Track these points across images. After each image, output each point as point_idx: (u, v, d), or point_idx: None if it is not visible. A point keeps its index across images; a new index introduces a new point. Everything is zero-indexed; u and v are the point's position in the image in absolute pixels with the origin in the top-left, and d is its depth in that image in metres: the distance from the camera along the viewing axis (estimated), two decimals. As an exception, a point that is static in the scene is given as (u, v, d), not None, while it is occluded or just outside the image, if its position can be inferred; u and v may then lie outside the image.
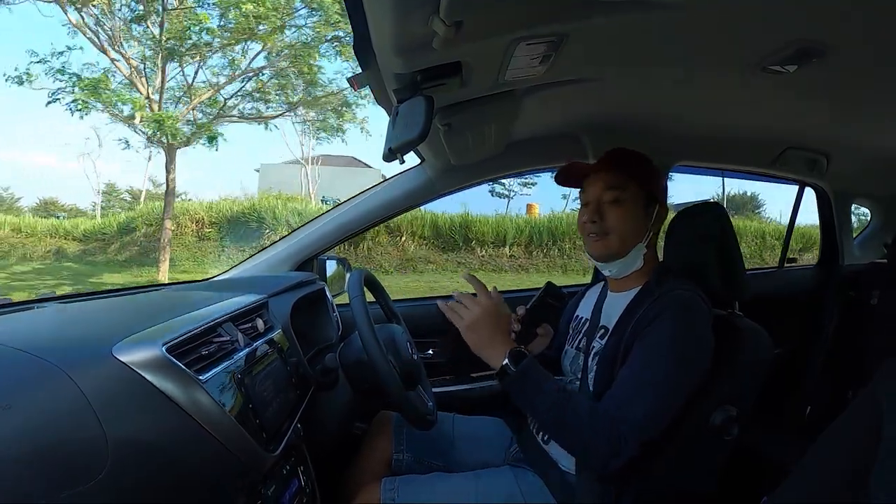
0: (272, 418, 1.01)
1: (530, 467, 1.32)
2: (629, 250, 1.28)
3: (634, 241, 1.28)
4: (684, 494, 1.27)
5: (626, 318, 1.23)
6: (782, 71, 1.21)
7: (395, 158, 1.12)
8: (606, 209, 1.27)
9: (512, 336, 1.36)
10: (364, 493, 1.30)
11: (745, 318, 1.33)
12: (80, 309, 1.16)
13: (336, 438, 1.51)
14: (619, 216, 1.26)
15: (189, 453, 0.81)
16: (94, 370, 0.73)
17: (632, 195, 1.27)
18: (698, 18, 0.99)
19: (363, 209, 1.93)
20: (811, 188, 2.71)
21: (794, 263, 3.01)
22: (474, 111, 1.30)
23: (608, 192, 1.28)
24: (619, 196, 1.27)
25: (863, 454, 0.65)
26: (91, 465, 0.66)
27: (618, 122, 1.76)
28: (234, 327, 1.05)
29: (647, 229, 1.29)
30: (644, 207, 1.28)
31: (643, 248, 1.29)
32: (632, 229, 1.27)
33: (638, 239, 1.28)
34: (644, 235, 1.29)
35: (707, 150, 2.11)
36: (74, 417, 0.67)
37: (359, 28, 0.92)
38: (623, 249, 1.28)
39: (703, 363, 1.15)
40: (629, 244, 1.28)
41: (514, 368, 1.14)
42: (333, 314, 1.77)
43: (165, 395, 0.77)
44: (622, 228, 1.27)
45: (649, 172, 1.31)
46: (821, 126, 1.87)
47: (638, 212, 1.28)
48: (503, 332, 1.22)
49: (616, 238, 1.27)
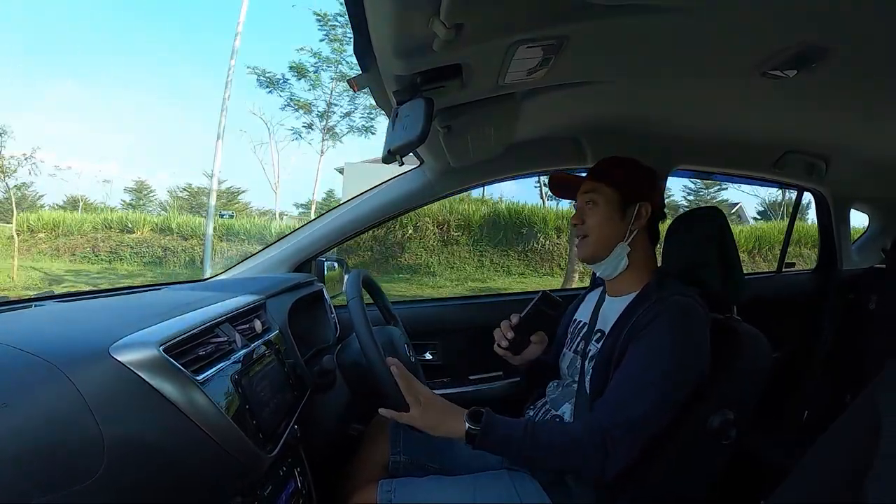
0: (269, 419, 1.01)
1: (527, 471, 1.32)
2: (610, 250, 1.31)
3: (613, 241, 1.31)
4: (682, 498, 1.27)
5: (622, 322, 1.23)
6: (782, 76, 1.21)
7: (395, 160, 1.12)
8: (585, 212, 1.35)
9: (505, 344, 1.37)
10: (361, 495, 1.29)
11: (743, 323, 1.33)
12: (77, 308, 1.16)
13: (333, 440, 1.51)
14: (594, 217, 1.33)
15: (186, 453, 0.81)
16: (92, 369, 0.73)
17: (605, 196, 1.32)
18: (698, 23, 0.99)
19: (362, 211, 1.93)
20: (810, 193, 2.71)
21: (792, 268, 3.01)
22: (474, 114, 1.30)
23: (585, 195, 1.36)
24: (593, 198, 1.34)
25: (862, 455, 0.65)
26: (88, 464, 0.66)
27: (617, 125, 1.76)
28: (232, 328, 1.05)
29: (627, 229, 1.31)
30: (620, 208, 1.32)
31: (626, 248, 1.31)
32: (608, 229, 1.32)
33: (617, 239, 1.31)
34: (625, 235, 1.31)
35: (706, 154, 2.11)
36: (71, 417, 0.67)
37: (359, 29, 0.93)
38: (602, 250, 1.32)
39: (699, 368, 1.15)
40: (608, 244, 1.32)
41: (476, 427, 1.13)
42: (331, 315, 1.77)
43: (162, 396, 0.77)
44: (598, 229, 1.33)
45: (627, 174, 1.35)
46: (820, 130, 1.87)
47: (612, 211, 1.32)
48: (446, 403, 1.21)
49: (594, 239, 1.33)
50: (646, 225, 1.33)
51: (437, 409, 1.18)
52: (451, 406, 1.20)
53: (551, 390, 1.41)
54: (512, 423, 1.15)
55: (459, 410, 1.18)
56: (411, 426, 1.19)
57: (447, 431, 1.16)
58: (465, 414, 1.16)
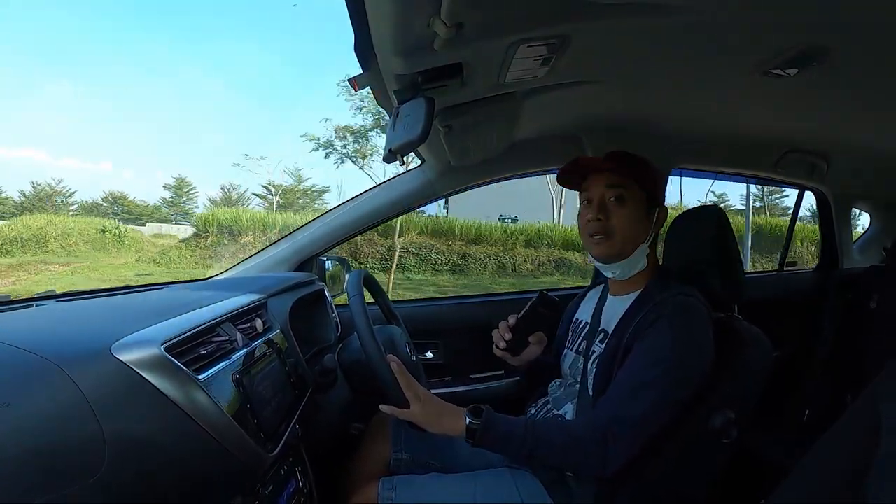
0: (270, 418, 1.01)
1: (528, 469, 1.32)
2: (633, 251, 1.27)
3: (639, 241, 1.27)
4: (682, 497, 1.27)
5: (625, 322, 1.23)
6: (783, 75, 1.21)
7: (396, 159, 1.12)
8: (611, 207, 1.26)
9: (503, 346, 1.37)
10: (362, 493, 1.29)
11: (744, 322, 1.33)
12: (79, 307, 1.16)
13: (334, 439, 1.52)
14: (624, 215, 1.25)
15: (187, 452, 0.81)
16: (93, 368, 0.73)
17: (635, 195, 1.26)
18: (700, 22, 0.99)
19: (363, 210, 1.93)
20: (811, 192, 2.71)
21: (793, 267, 3.01)
22: (475, 113, 1.30)
23: (611, 189, 1.26)
24: (623, 194, 1.25)
25: (862, 456, 0.65)
26: (89, 462, 0.67)
27: (618, 124, 1.76)
28: (233, 327, 1.05)
29: (650, 230, 1.29)
30: (646, 208, 1.28)
31: (646, 249, 1.29)
32: (636, 229, 1.27)
33: (642, 239, 1.28)
34: (647, 236, 1.28)
35: (707, 154, 2.11)
36: (73, 416, 0.67)
37: (360, 28, 0.93)
38: (627, 250, 1.27)
39: (701, 367, 1.15)
40: (634, 244, 1.27)
41: (477, 422, 1.13)
42: (332, 315, 1.77)
43: (164, 395, 0.77)
44: (627, 228, 1.26)
45: (650, 174, 1.30)
46: (821, 130, 1.87)
47: (640, 212, 1.27)
48: (445, 402, 1.22)
49: (620, 238, 1.26)
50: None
51: (436, 406, 1.19)
52: (451, 405, 1.20)
53: (553, 389, 1.41)
54: (512, 420, 1.16)
55: (460, 409, 1.18)
56: (411, 424, 1.19)
57: (448, 428, 1.16)
58: (465, 411, 1.16)
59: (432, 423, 1.17)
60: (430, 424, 1.17)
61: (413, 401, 1.17)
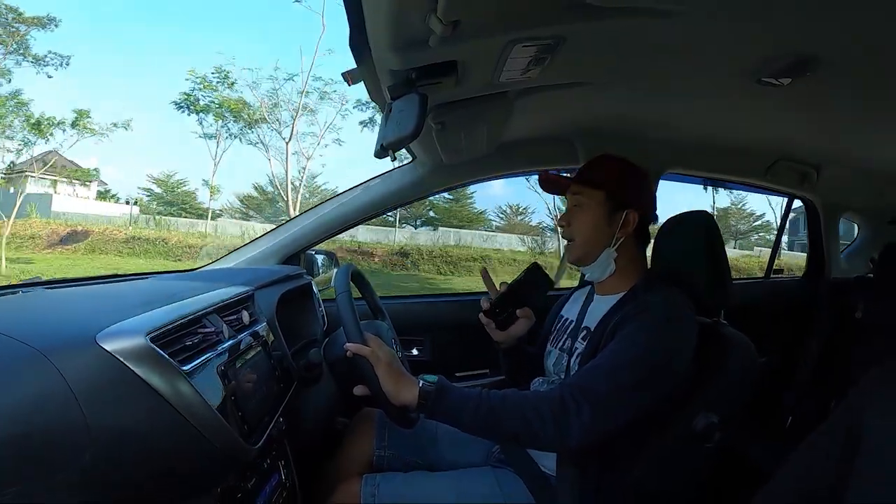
0: (254, 411, 1.01)
1: (511, 468, 1.33)
2: (596, 255, 1.30)
3: (599, 246, 1.30)
4: (666, 498, 1.28)
5: (607, 319, 1.23)
6: (776, 83, 1.22)
7: (387, 155, 1.11)
8: (572, 215, 1.33)
9: (486, 306, 1.39)
10: (344, 489, 1.29)
11: (729, 327, 1.34)
12: (65, 295, 1.15)
13: (318, 433, 1.51)
14: (581, 221, 1.32)
15: (170, 443, 0.80)
16: (78, 357, 0.72)
17: (594, 200, 1.30)
18: (696, 27, 1.00)
19: (353, 205, 1.93)
20: (800, 200, 2.73)
21: (780, 275, 3.03)
22: (468, 111, 1.30)
23: (573, 196, 1.34)
24: (580, 201, 1.32)
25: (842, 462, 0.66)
26: (72, 451, 0.66)
27: (610, 127, 1.76)
28: (220, 319, 1.04)
29: (614, 235, 1.29)
30: (608, 213, 1.29)
31: (612, 253, 1.30)
32: (594, 235, 1.30)
33: (604, 245, 1.30)
34: (611, 240, 1.29)
35: (698, 159, 2.12)
36: (56, 403, 0.67)
37: (355, 22, 0.92)
38: (588, 254, 1.31)
39: (678, 364, 1.15)
40: (594, 250, 1.30)
41: (431, 385, 1.12)
42: (319, 309, 1.77)
43: (148, 385, 0.76)
44: (584, 233, 1.31)
45: (617, 178, 1.32)
46: (812, 139, 1.89)
47: (599, 217, 1.29)
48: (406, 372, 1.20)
49: (581, 243, 1.32)
50: (633, 231, 1.31)
51: (395, 374, 1.16)
52: (409, 374, 1.18)
53: (536, 387, 1.41)
54: (468, 389, 1.14)
55: (415, 378, 1.15)
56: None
57: (405, 398, 1.13)
58: (416, 378, 1.14)
59: (391, 391, 1.14)
60: (390, 394, 1.14)
61: (377, 364, 1.15)
